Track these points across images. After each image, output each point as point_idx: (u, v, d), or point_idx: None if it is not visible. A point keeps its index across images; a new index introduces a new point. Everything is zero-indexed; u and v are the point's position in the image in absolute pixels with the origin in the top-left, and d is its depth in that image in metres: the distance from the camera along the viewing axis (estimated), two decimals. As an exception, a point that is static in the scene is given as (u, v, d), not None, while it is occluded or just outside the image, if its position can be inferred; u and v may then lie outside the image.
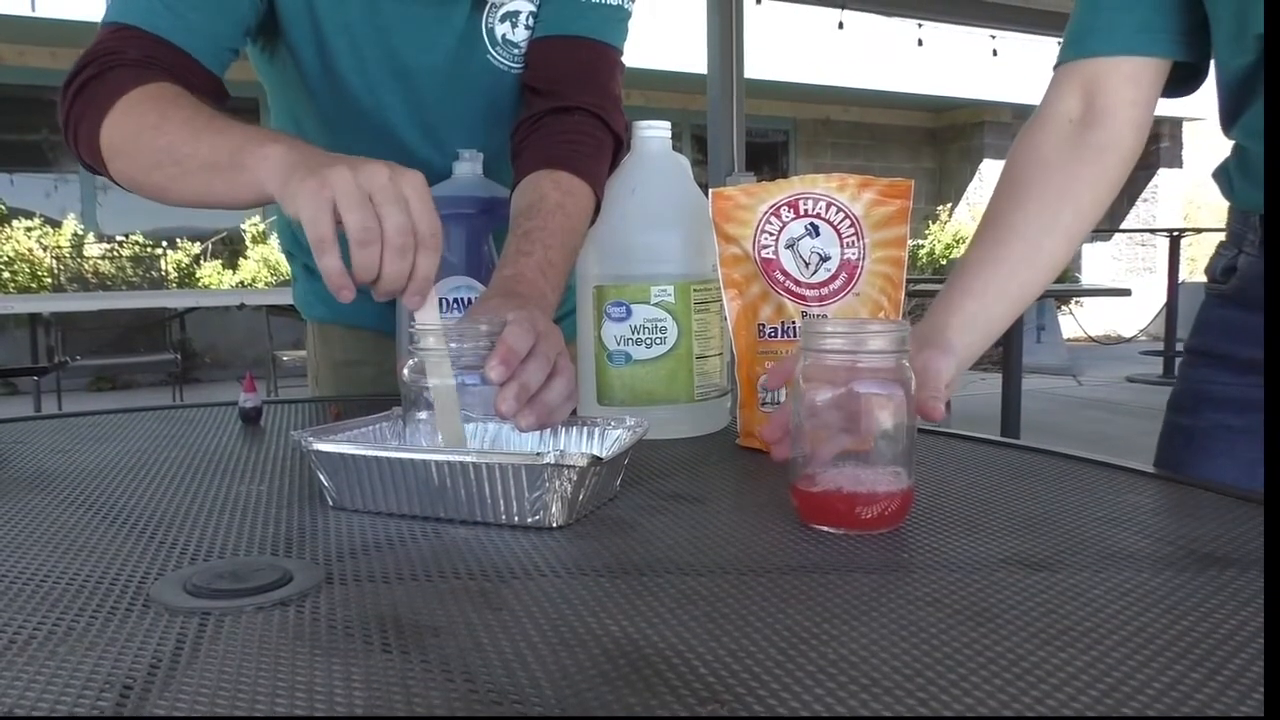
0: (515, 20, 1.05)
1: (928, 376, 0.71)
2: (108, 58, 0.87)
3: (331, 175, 0.66)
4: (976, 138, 11.27)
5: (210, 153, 0.77)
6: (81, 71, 0.87)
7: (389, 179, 0.67)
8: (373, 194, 0.66)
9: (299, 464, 0.80)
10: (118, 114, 0.84)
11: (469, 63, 1.05)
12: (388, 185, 0.67)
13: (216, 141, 0.77)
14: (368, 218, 0.66)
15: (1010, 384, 3.91)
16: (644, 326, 0.89)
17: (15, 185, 7.83)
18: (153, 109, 0.83)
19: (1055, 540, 0.58)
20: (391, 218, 0.66)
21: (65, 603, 0.49)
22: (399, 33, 1.02)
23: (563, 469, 0.60)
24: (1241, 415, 0.87)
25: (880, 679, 0.39)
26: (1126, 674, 0.39)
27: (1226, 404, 0.88)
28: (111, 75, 0.86)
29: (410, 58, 1.04)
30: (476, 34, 1.04)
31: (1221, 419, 0.88)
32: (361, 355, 1.22)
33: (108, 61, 0.87)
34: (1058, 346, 8.07)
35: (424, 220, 0.68)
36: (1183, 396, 0.93)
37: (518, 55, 1.06)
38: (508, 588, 0.50)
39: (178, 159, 0.79)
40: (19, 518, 0.64)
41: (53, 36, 7.38)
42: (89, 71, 0.87)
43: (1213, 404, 0.89)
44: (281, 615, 0.47)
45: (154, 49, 0.89)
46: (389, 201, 0.66)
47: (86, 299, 5.98)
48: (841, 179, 0.83)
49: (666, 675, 0.40)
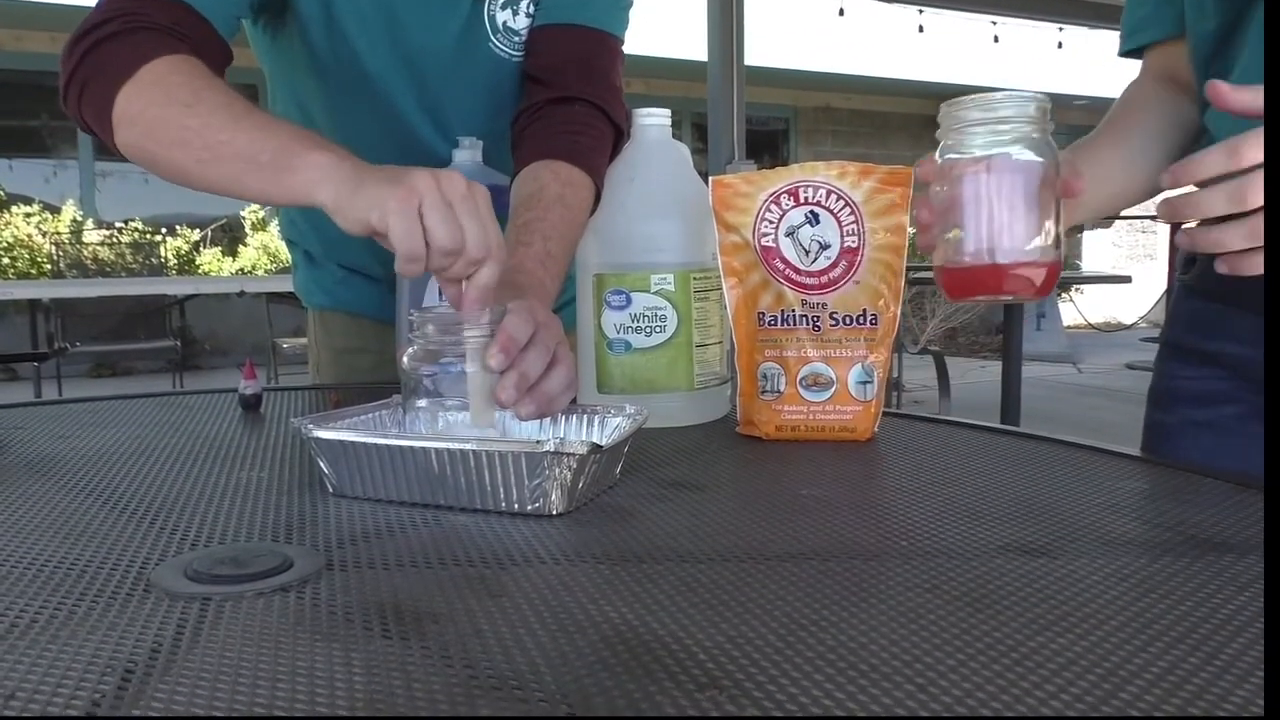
0: (516, 7, 1.04)
1: (1069, 166, 0.71)
2: (130, 18, 0.82)
3: (419, 184, 0.66)
4: (977, 125, 11.23)
5: (249, 146, 0.74)
6: (97, 28, 0.82)
7: (467, 190, 0.68)
8: (453, 204, 0.67)
9: (299, 451, 0.80)
10: (141, 82, 0.79)
11: (472, 49, 1.05)
12: (467, 196, 0.68)
13: (257, 136, 0.75)
14: (455, 230, 0.66)
15: (1010, 371, 3.91)
16: (644, 315, 0.89)
17: (14, 171, 7.82)
18: (184, 85, 0.79)
19: (1053, 526, 0.58)
20: (472, 230, 0.67)
21: (66, 587, 0.49)
22: (407, 14, 1.02)
23: (562, 456, 0.60)
24: (1203, 408, 0.87)
25: (878, 665, 0.39)
26: (1124, 659, 0.40)
27: (1191, 398, 0.88)
28: (134, 38, 0.81)
29: (417, 40, 1.03)
30: (479, 20, 1.04)
31: (1188, 413, 0.89)
32: (362, 343, 1.22)
33: (130, 22, 0.82)
34: (1058, 334, 8.07)
35: (495, 233, 0.69)
36: (1156, 391, 0.93)
37: (518, 43, 1.06)
38: (507, 574, 0.51)
39: (210, 144, 0.76)
40: (20, 503, 0.65)
41: (52, 21, 7.34)
42: (108, 29, 0.81)
43: (1180, 398, 0.90)
44: (282, 601, 0.47)
45: (176, 14, 0.84)
46: (468, 214, 0.67)
47: (86, 285, 5.98)
48: (841, 167, 0.83)
49: (666, 661, 0.40)
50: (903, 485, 0.70)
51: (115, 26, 0.82)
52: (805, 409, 0.84)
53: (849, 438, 0.83)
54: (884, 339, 0.84)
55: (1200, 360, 0.87)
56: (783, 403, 0.84)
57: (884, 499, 0.67)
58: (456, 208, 0.67)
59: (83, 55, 0.82)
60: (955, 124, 0.71)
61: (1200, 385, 0.87)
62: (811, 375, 0.84)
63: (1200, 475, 0.71)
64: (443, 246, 0.66)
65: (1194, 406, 0.88)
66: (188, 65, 0.81)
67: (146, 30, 0.82)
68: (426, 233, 0.66)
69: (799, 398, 0.84)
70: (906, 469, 0.75)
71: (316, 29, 1.02)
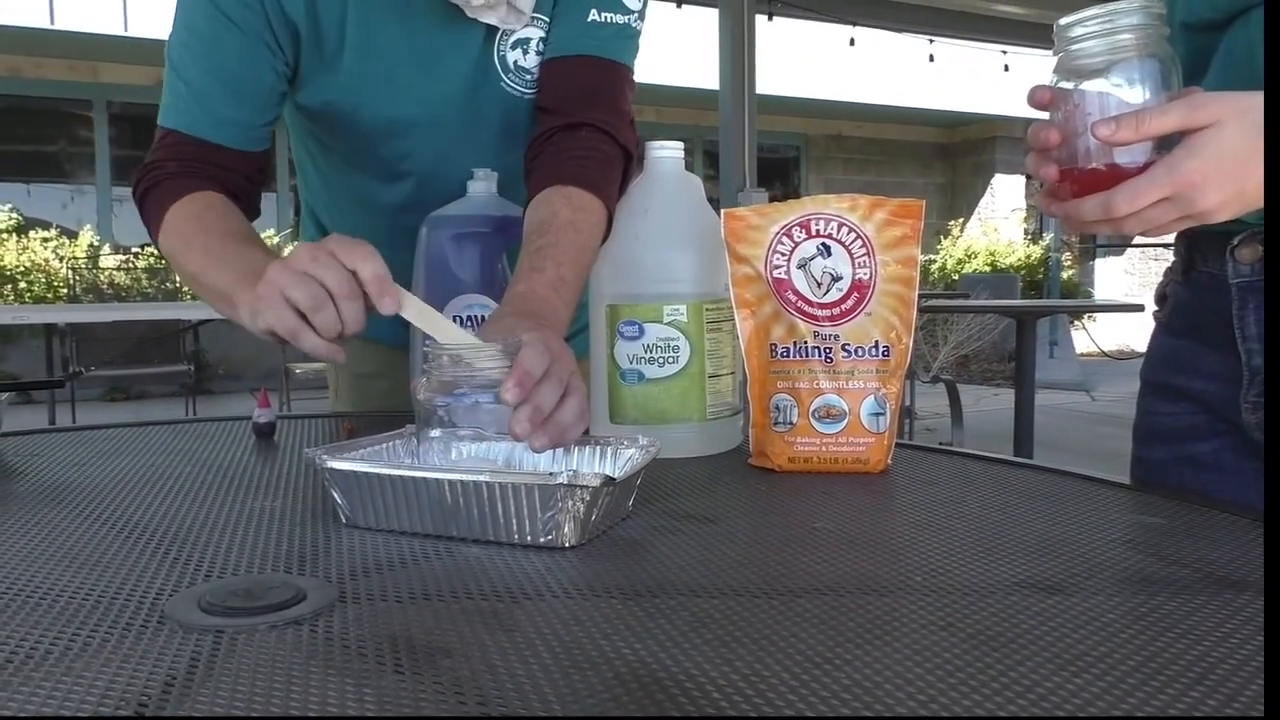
0: (526, 47, 1.06)
1: None
2: (155, 171, 1.00)
3: (272, 274, 0.75)
4: (988, 153, 11.27)
5: (216, 284, 0.89)
6: (140, 183, 1.01)
7: (310, 253, 0.75)
8: (306, 270, 0.74)
9: (312, 480, 0.80)
10: (164, 232, 0.98)
11: (484, 89, 1.07)
12: (316, 255, 0.75)
13: (220, 277, 0.89)
14: (311, 288, 0.73)
15: (1023, 399, 3.90)
16: (656, 345, 0.89)
17: (32, 196, 7.90)
18: (181, 234, 0.96)
19: (1070, 562, 0.58)
20: (329, 277, 0.73)
21: (81, 618, 0.49)
22: (420, 60, 1.04)
23: (575, 489, 0.60)
24: (1183, 444, 0.87)
25: (894, 705, 0.39)
26: (1143, 699, 0.39)
27: (1171, 434, 0.88)
28: (156, 192, 0.99)
29: (431, 86, 1.05)
30: (489, 62, 1.06)
31: (1170, 449, 0.88)
32: (378, 368, 1.23)
33: (155, 176, 1.00)
34: (1070, 361, 8.04)
35: (358, 262, 0.74)
36: (1138, 429, 0.93)
37: (530, 81, 1.08)
38: (520, 609, 0.50)
39: (199, 283, 0.93)
40: (34, 531, 0.65)
41: (70, 49, 7.46)
42: (145, 184, 1.01)
43: (1160, 435, 0.90)
44: (295, 634, 0.47)
45: (194, 152, 1.00)
46: (321, 267, 0.74)
47: (101, 310, 6.02)
48: (853, 199, 0.83)
49: (679, 699, 0.39)
50: (917, 519, 0.70)
51: (148, 182, 1.00)
52: (818, 441, 0.84)
53: (862, 470, 0.83)
54: (896, 370, 0.84)
55: (1176, 396, 0.87)
56: (795, 434, 0.84)
57: (898, 533, 0.67)
58: (310, 271, 0.74)
59: (140, 206, 1.02)
60: (1069, 42, 0.70)
61: (1178, 421, 0.87)
62: (824, 407, 0.83)
63: (1218, 511, 0.71)
64: (305, 308, 0.74)
65: (1175, 442, 0.88)
66: (190, 209, 0.97)
67: (168, 179, 0.99)
68: (295, 304, 0.74)
69: (811, 429, 0.84)
70: (920, 502, 0.75)
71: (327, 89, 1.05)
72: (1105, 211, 0.65)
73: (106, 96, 7.97)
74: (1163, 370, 0.89)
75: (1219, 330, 0.81)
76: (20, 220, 7.42)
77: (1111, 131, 0.64)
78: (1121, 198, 0.65)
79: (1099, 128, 0.64)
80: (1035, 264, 11.16)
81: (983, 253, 10.86)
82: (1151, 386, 0.91)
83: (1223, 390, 0.82)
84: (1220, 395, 0.82)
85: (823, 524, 0.68)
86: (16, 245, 7.19)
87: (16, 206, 7.51)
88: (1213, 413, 0.84)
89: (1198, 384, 0.85)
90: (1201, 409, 0.85)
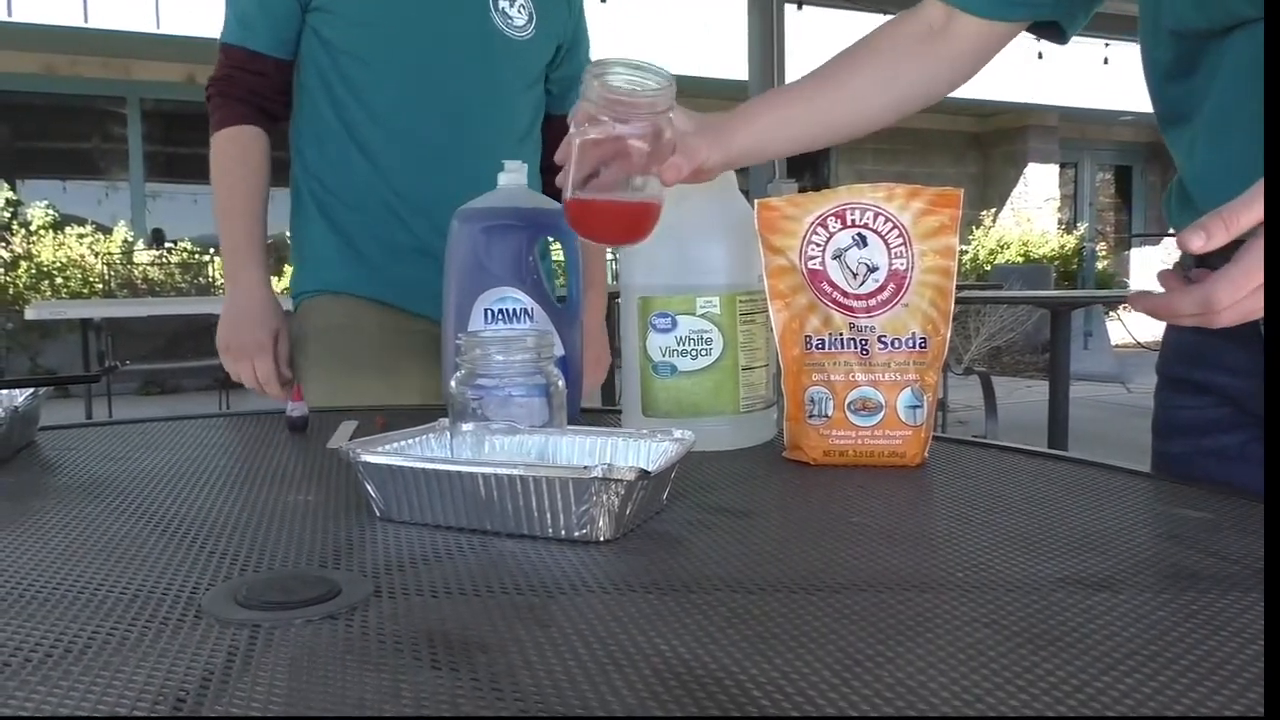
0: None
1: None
2: (215, 84, 1.37)
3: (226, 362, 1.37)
4: (1021, 142, 11.14)
5: (222, 238, 1.40)
6: (207, 89, 1.38)
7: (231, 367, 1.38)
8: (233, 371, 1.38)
9: (346, 474, 0.80)
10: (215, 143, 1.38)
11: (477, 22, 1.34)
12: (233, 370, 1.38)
13: (225, 229, 1.40)
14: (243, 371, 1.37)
15: (1058, 391, 3.85)
16: (689, 338, 0.88)
17: (68, 192, 8.01)
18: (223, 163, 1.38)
19: (1113, 558, 0.56)
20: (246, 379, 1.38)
21: (119, 612, 0.49)
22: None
23: (610, 483, 0.59)
24: (1204, 437, 0.85)
25: (939, 705, 0.38)
26: (1198, 700, 0.38)
27: (1191, 428, 0.86)
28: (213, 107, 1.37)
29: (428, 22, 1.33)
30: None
31: (1190, 443, 0.87)
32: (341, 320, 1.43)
33: (214, 89, 1.37)
34: (1106, 353, 7.92)
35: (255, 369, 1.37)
36: (1158, 422, 0.91)
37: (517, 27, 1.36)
38: (555, 604, 0.50)
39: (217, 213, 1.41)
40: (72, 525, 0.65)
41: (104, 47, 7.54)
42: (209, 91, 1.38)
43: (1179, 428, 0.88)
44: (331, 629, 0.47)
45: (244, 62, 1.35)
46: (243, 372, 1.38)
47: (136, 305, 6.10)
48: (889, 189, 0.82)
49: (718, 696, 0.39)
50: (956, 513, 0.68)
51: (210, 91, 1.38)
52: (853, 434, 0.83)
53: (898, 463, 0.82)
54: (933, 362, 0.82)
55: (1195, 390, 0.86)
56: (830, 427, 0.83)
57: (937, 527, 0.65)
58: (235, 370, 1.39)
59: (208, 98, 1.39)
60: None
61: (1198, 414, 0.86)
62: (860, 399, 0.82)
63: (1262, 504, 0.69)
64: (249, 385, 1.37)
65: (1195, 435, 0.86)
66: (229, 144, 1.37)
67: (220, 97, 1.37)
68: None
69: (847, 422, 0.83)
70: (959, 496, 0.74)
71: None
72: (1205, 306, 0.62)
73: (139, 93, 8.06)
74: (1182, 364, 0.88)
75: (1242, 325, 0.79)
76: (57, 216, 7.53)
77: (1204, 242, 0.60)
78: (1222, 289, 0.61)
79: (1191, 242, 0.61)
80: (1069, 254, 11.02)
81: (1015, 243, 10.75)
82: (1170, 380, 0.90)
83: (1247, 384, 0.80)
84: (1244, 389, 0.81)
85: (860, 518, 0.67)
86: (53, 241, 7.29)
87: (53, 203, 7.61)
88: (1236, 405, 0.82)
89: (1221, 377, 0.83)
90: (1224, 402, 0.83)
